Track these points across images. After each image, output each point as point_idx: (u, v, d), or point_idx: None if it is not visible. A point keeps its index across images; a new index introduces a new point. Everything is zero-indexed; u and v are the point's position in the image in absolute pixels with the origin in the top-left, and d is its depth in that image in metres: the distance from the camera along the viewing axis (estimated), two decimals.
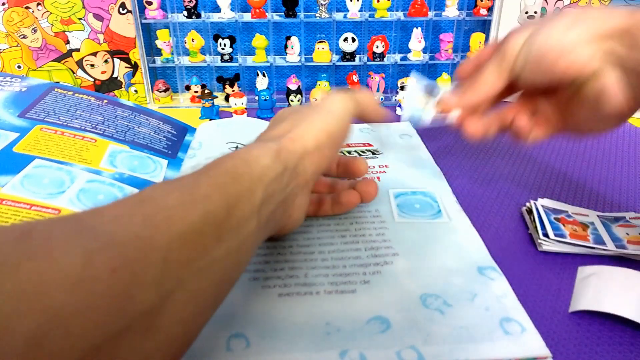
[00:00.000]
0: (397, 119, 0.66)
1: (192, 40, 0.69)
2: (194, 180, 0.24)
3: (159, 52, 0.71)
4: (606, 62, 0.32)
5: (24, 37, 0.66)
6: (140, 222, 0.20)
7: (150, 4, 0.67)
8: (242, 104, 0.65)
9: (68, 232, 0.19)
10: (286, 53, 0.70)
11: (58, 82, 0.69)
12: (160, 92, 0.71)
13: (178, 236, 0.21)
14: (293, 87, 0.67)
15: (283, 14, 0.68)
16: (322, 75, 0.71)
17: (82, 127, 0.48)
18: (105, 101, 0.54)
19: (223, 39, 0.68)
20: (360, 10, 0.69)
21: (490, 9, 0.69)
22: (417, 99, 0.38)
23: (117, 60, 0.70)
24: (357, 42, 0.69)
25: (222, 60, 0.70)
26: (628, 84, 0.32)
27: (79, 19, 0.67)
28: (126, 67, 0.70)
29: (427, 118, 0.37)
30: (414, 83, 0.40)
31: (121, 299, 0.18)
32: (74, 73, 0.69)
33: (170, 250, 0.20)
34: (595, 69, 0.32)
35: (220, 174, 0.25)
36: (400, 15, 0.70)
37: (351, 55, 0.70)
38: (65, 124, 0.47)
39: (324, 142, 0.31)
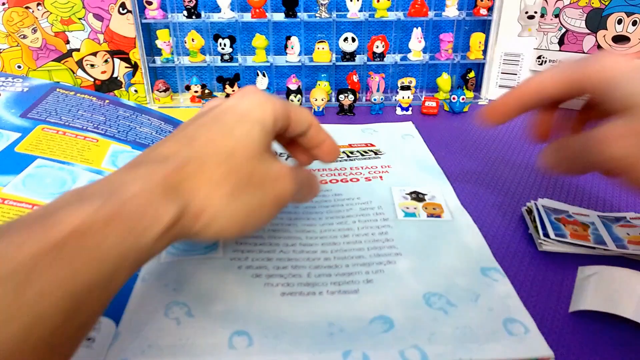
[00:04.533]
0: (398, 119, 0.66)
1: (192, 40, 0.69)
2: (35, 265, 0.16)
3: (159, 52, 0.71)
4: None
5: (24, 37, 0.66)
6: None
7: (150, 4, 0.66)
8: None
9: None
10: (286, 53, 0.70)
11: (59, 82, 0.69)
12: (160, 92, 0.71)
13: None
14: (293, 87, 0.67)
15: (283, 14, 0.68)
16: (322, 75, 0.71)
17: (84, 127, 0.48)
18: (107, 101, 0.54)
19: (223, 39, 0.68)
20: (360, 10, 0.69)
21: (490, 9, 0.69)
22: (406, 204, 0.41)
23: (117, 60, 0.70)
24: (357, 42, 0.69)
25: (222, 60, 0.70)
26: None
27: (79, 19, 0.67)
28: (126, 67, 0.70)
29: (422, 219, 0.40)
30: (397, 192, 0.43)
31: None
32: (74, 73, 0.69)
33: None
34: None
35: (76, 256, 0.17)
36: (400, 15, 0.70)
37: (351, 55, 0.70)
38: (67, 124, 0.47)
39: (242, 223, 0.25)
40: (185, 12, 0.68)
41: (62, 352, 0.17)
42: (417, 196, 0.42)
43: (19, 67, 0.68)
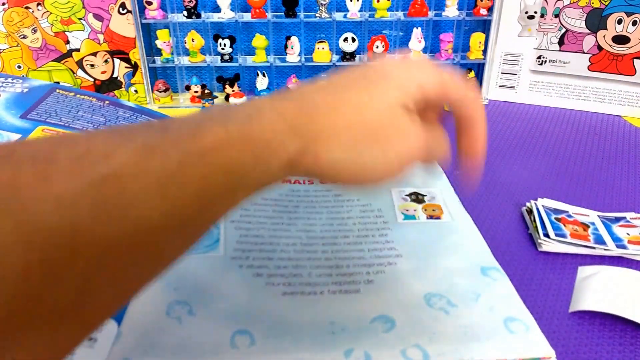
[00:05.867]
0: None
1: (192, 40, 0.69)
2: (180, 164, 0.19)
3: (159, 52, 0.71)
4: None
5: (24, 37, 0.66)
6: (87, 213, 0.16)
7: (150, 4, 0.66)
8: None
9: None
10: (286, 53, 0.70)
11: (59, 82, 0.69)
12: (160, 92, 0.71)
13: (130, 231, 0.18)
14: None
15: (283, 14, 0.68)
16: (322, 75, 0.71)
17: (84, 128, 0.48)
18: (107, 102, 0.54)
19: (223, 39, 0.68)
20: (360, 10, 0.69)
21: (490, 9, 0.69)
22: (406, 206, 0.40)
23: (117, 60, 0.70)
24: (357, 42, 0.69)
25: (222, 60, 0.70)
26: None
27: (79, 19, 0.67)
28: (126, 67, 0.70)
29: (422, 221, 0.39)
30: (397, 193, 0.42)
31: (31, 300, 0.16)
32: (74, 73, 0.69)
33: (111, 248, 0.17)
34: None
35: (213, 165, 0.20)
36: (400, 15, 0.70)
37: (351, 55, 0.70)
38: (66, 125, 0.47)
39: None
40: (185, 12, 0.68)
41: (189, 242, 0.21)
42: (417, 197, 0.42)
43: (19, 67, 0.68)
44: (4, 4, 0.64)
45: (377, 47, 0.69)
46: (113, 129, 0.21)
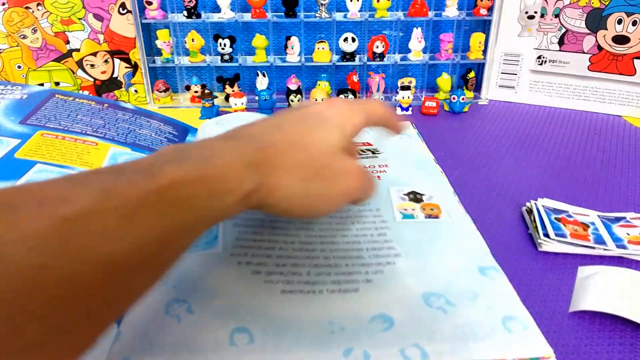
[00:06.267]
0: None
1: (192, 40, 0.69)
2: (138, 203, 0.20)
3: (159, 52, 0.71)
4: None
5: (24, 37, 0.66)
6: (53, 251, 0.17)
7: (150, 4, 0.66)
8: (242, 104, 0.65)
9: None
10: (286, 53, 0.70)
11: (58, 84, 0.69)
12: (160, 92, 0.71)
13: (95, 268, 0.18)
14: (293, 87, 0.67)
15: (283, 14, 0.68)
16: (322, 75, 0.71)
17: (83, 131, 0.48)
18: (106, 105, 0.54)
19: (223, 39, 0.68)
20: (360, 10, 0.69)
21: (490, 9, 0.69)
22: (404, 206, 0.41)
23: (117, 60, 0.70)
24: (357, 42, 0.69)
25: (222, 60, 0.70)
26: None
27: (79, 19, 0.67)
28: (126, 67, 0.70)
29: (420, 220, 0.39)
30: (395, 192, 0.43)
31: (1, 338, 0.16)
32: (74, 73, 0.69)
33: (77, 284, 0.18)
34: None
35: (170, 203, 0.21)
36: (400, 15, 0.70)
37: (351, 55, 0.70)
38: (66, 128, 0.48)
39: (304, 194, 0.28)
40: (185, 12, 0.68)
41: (161, 267, 0.22)
42: (415, 197, 0.42)
43: (19, 67, 0.68)
44: (4, 4, 0.64)
45: (377, 47, 0.69)
46: (66, 177, 0.21)
